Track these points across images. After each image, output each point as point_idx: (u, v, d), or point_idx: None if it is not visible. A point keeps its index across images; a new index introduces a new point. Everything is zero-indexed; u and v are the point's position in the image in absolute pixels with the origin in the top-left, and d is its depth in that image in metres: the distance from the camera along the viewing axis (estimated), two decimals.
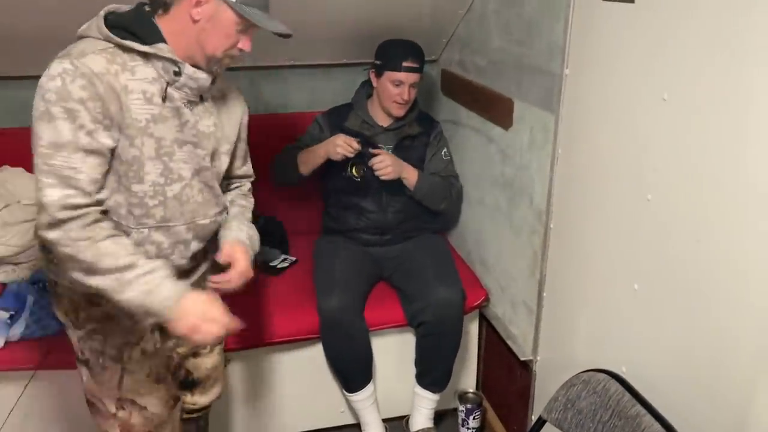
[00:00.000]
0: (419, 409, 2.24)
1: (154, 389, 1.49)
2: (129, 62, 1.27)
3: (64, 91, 1.18)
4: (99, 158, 1.24)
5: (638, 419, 1.31)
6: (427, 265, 2.24)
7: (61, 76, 1.18)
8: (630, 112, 1.41)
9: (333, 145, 2.18)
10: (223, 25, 1.31)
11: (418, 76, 2.22)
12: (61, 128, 1.18)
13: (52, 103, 1.18)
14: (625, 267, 1.47)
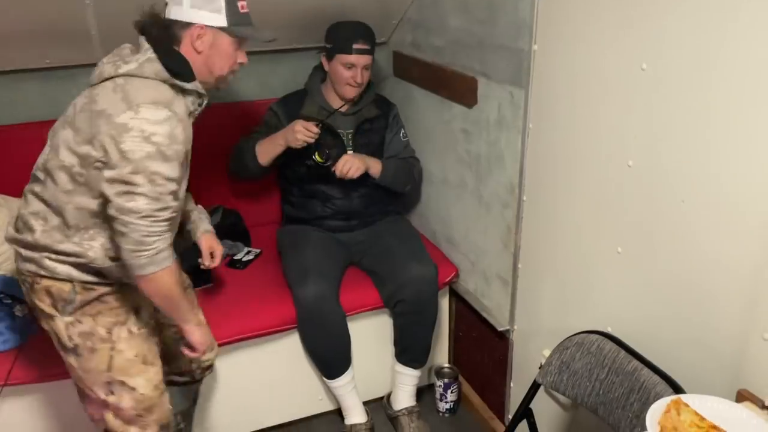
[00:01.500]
0: (402, 387, 2.27)
1: (142, 370, 1.56)
2: (180, 99, 1.48)
3: (172, 136, 1.38)
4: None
5: (636, 373, 1.38)
6: (397, 246, 2.26)
7: (168, 122, 1.37)
8: (607, 83, 1.47)
9: (292, 132, 2.15)
10: (223, 49, 1.53)
11: (369, 58, 2.21)
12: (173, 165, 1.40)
13: (165, 145, 1.37)
14: (608, 232, 1.55)
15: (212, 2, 1.48)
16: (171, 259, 1.46)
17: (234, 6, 1.51)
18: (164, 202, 1.40)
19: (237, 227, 2.47)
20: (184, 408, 1.90)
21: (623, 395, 1.39)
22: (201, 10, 1.47)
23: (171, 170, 1.39)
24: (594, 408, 1.47)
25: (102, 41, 2.15)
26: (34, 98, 2.31)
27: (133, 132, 1.35)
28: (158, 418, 1.59)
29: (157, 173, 1.37)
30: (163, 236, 1.43)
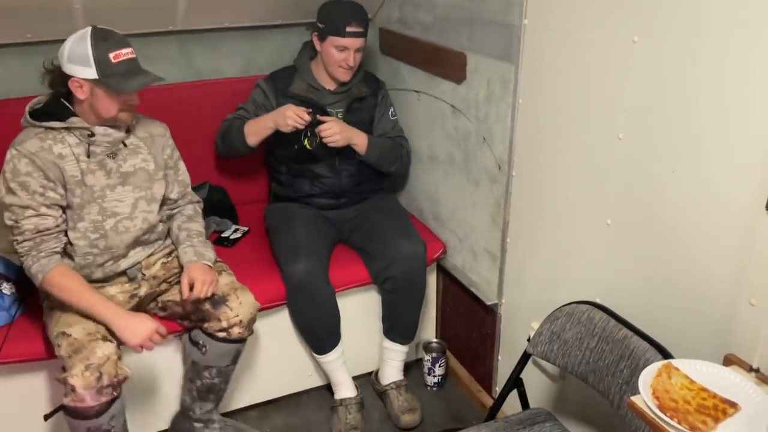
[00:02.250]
0: (389, 362, 2.29)
1: (80, 321, 1.71)
2: (57, 136, 1.71)
3: (15, 170, 1.66)
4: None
5: (626, 341, 1.42)
6: (387, 223, 2.27)
7: (12, 160, 1.67)
8: (597, 56, 1.49)
9: (282, 117, 2.14)
10: (102, 96, 1.68)
11: (363, 41, 2.19)
12: (20, 195, 1.67)
13: (9, 179, 1.66)
14: (597, 204, 1.57)
15: (83, 58, 1.64)
16: (44, 272, 1.68)
17: (105, 58, 1.64)
18: (20, 227, 1.68)
19: (224, 204, 2.46)
20: (221, 365, 1.94)
21: (613, 363, 1.43)
22: (75, 65, 1.65)
23: (20, 200, 1.66)
24: (584, 376, 1.51)
25: (84, 14, 2.11)
26: (15, 74, 2.26)
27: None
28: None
29: (9, 204, 1.67)
30: (30, 254, 1.69)
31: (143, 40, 2.38)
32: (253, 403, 2.27)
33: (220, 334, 1.87)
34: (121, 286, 1.88)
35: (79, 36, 1.66)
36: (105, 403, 1.64)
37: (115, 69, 1.65)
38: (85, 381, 1.59)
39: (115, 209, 1.79)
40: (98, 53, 1.63)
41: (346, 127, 2.22)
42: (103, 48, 1.64)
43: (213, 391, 1.99)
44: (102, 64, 1.63)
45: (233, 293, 1.89)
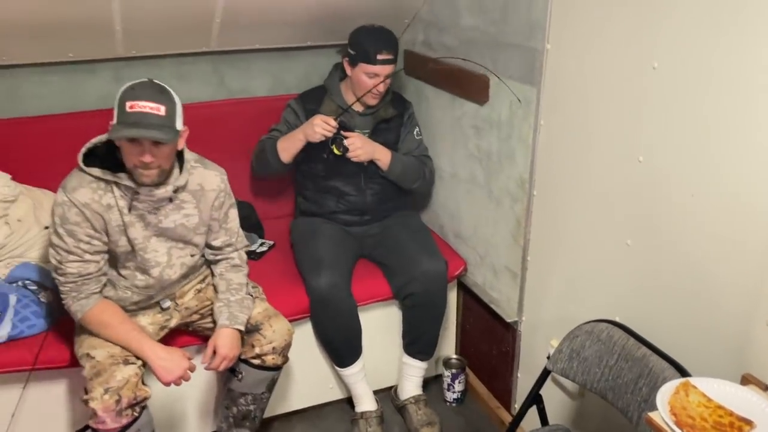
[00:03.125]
0: (409, 378, 2.33)
1: (105, 345, 1.75)
2: (106, 186, 1.70)
3: (64, 218, 1.67)
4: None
5: (645, 359, 1.45)
6: (409, 240, 2.32)
7: (61, 206, 1.67)
8: (618, 81, 1.54)
9: (311, 126, 2.20)
10: (122, 146, 1.64)
11: (392, 67, 2.26)
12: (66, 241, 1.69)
13: (58, 225, 1.68)
14: (617, 225, 1.61)
15: (115, 106, 1.61)
16: (82, 311, 1.73)
17: (122, 106, 1.59)
18: (63, 268, 1.71)
19: (250, 219, 2.53)
20: (256, 392, 1.97)
21: (632, 380, 1.46)
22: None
23: (65, 244, 1.68)
24: (603, 393, 1.54)
25: (124, 37, 2.21)
26: (57, 91, 2.37)
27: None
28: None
29: (55, 245, 1.70)
30: (70, 295, 1.73)
31: (178, 60, 2.50)
32: (276, 413, 2.31)
33: (254, 361, 1.91)
34: (153, 316, 1.90)
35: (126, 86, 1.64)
36: (126, 424, 1.68)
37: (125, 118, 1.58)
38: (104, 404, 1.64)
39: (156, 259, 1.80)
40: (120, 99, 1.60)
41: (369, 142, 2.28)
42: (125, 95, 1.60)
43: (248, 418, 2.01)
44: (119, 111, 1.59)
45: (267, 321, 1.93)
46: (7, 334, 1.84)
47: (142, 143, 1.59)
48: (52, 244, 1.70)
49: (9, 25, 2.00)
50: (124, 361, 1.71)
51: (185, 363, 1.74)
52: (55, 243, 1.69)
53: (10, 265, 1.99)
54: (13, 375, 1.84)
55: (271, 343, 1.91)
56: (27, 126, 2.32)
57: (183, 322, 1.97)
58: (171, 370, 1.72)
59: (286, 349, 1.96)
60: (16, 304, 1.87)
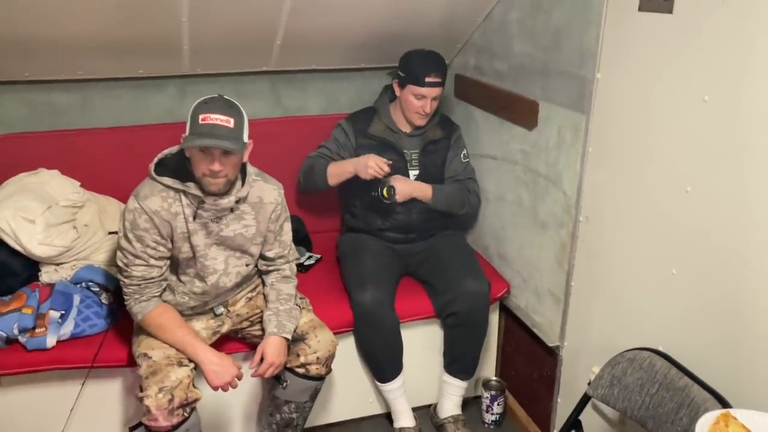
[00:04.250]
0: (448, 397, 2.35)
1: (162, 346, 1.84)
2: (175, 195, 1.78)
3: (134, 223, 1.75)
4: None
5: (687, 390, 1.45)
6: (453, 260, 2.35)
7: (132, 212, 1.76)
8: (668, 112, 1.56)
9: (364, 166, 2.26)
10: (192, 156, 1.74)
11: (440, 90, 2.31)
12: (135, 245, 1.78)
13: (128, 229, 1.76)
14: (663, 253, 1.62)
15: (189, 118, 1.71)
16: (143, 313, 1.81)
17: (195, 118, 1.69)
18: (128, 271, 1.79)
19: (299, 233, 2.60)
20: (299, 400, 2.03)
21: (673, 410, 1.45)
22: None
23: (133, 249, 1.77)
24: (643, 422, 1.54)
25: (191, 55, 2.34)
26: (126, 105, 2.52)
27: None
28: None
29: (123, 248, 1.79)
30: (132, 297, 1.81)
31: (238, 79, 2.62)
32: (316, 424, 2.36)
33: (299, 370, 1.97)
34: (206, 321, 1.99)
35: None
36: (176, 423, 1.76)
37: (197, 129, 1.67)
38: (158, 402, 1.72)
39: (215, 266, 1.88)
40: (193, 112, 1.69)
41: (409, 183, 2.34)
42: (198, 109, 1.69)
43: (290, 426, 2.07)
44: (192, 123, 1.69)
45: (312, 331, 1.99)
46: (70, 332, 1.95)
47: (212, 153, 1.68)
48: (120, 248, 1.79)
49: (86, 42, 2.14)
50: (178, 362, 1.80)
51: (234, 370, 1.82)
52: (123, 246, 1.78)
53: (75, 267, 2.11)
54: (73, 371, 1.95)
55: (316, 353, 1.96)
56: (96, 137, 2.46)
57: (233, 329, 2.05)
58: (221, 375, 1.80)
59: (330, 359, 2.01)
60: (80, 304, 1.99)
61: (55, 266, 2.10)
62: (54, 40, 2.09)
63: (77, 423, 2.00)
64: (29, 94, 2.41)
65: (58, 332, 1.93)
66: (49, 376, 1.97)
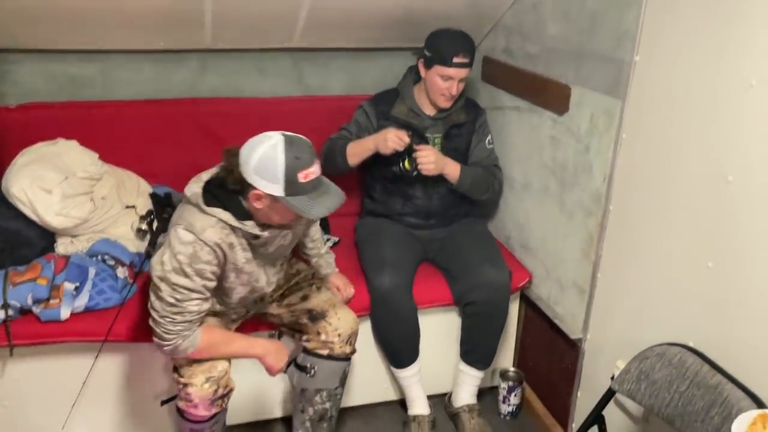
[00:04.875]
0: (463, 386, 2.31)
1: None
2: (229, 227, 1.66)
3: (195, 257, 1.60)
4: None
5: (719, 388, 1.38)
6: (474, 248, 2.30)
7: (192, 245, 1.60)
8: (711, 98, 1.48)
9: (383, 139, 2.20)
10: (280, 210, 1.63)
11: (467, 71, 2.23)
12: (194, 280, 1.62)
13: (186, 264, 1.60)
14: (699, 246, 1.55)
15: (272, 173, 1.54)
16: (194, 346, 1.68)
17: (293, 177, 1.55)
18: (183, 307, 1.63)
19: None
20: (330, 386, 1.99)
21: (703, 409, 1.39)
22: (261, 179, 1.56)
23: (192, 284, 1.62)
24: (671, 419, 1.48)
25: (213, 29, 2.29)
26: (147, 78, 2.48)
27: (169, 246, 1.62)
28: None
29: (178, 285, 1.61)
30: (181, 334, 1.66)
31: (260, 55, 2.57)
32: None
33: (323, 352, 1.94)
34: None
35: (271, 149, 1.54)
36: (215, 413, 1.77)
37: (302, 188, 1.57)
38: (204, 392, 1.71)
39: (260, 282, 1.83)
40: (289, 173, 1.54)
41: (441, 156, 2.26)
42: (293, 167, 1.54)
43: (325, 419, 2.02)
44: (289, 184, 1.55)
45: (332, 309, 1.97)
46: (85, 304, 1.92)
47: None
48: (172, 284, 1.60)
49: (107, 14, 2.10)
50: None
51: (287, 355, 1.86)
52: (177, 283, 1.60)
53: (91, 240, 2.09)
54: (87, 344, 1.93)
55: (337, 330, 1.93)
56: (116, 109, 2.43)
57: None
58: (279, 361, 1.83)
59: (353, 337, 1.98)
60: (95, 277, 1.96)
61: (71, 238, 2.08)
62: (75, 10, 2.05)
63: (89, 396, 1.98)
64: (49, 64, 2.38)
65: (72, 304, 1.90)
66: (62, 349, 1.94)
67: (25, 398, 1.99)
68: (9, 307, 1.86)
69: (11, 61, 2.34)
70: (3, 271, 1.93)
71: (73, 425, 2.00)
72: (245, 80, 2.61)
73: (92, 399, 2.00)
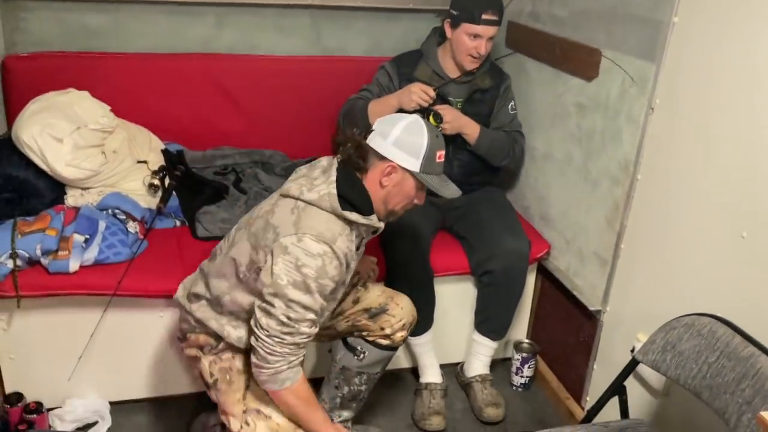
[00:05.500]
0: (477, 356, 2.27)
1: (276, 406, 1.60)
2: (353, 229, 1.54)
3: (323, 271, 1.45)
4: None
5: (752, 359, 1.33)
6: (493, 217, 2.24)
7: (322, 257, 1.44)
8: (754, 60, 1.41)
9: (408, 93, 2.13)
10: (406, 189, 1.57)
11: (496, 29, 2.16)
12: (315, 297, 1.47)
13: (312, 278, 1.44)
14: (733, 215, 1.49)
15: (415, 147, 1.52)
16: (293, 380, 1.52)
17: (432, 154, 1.54)
18: (295, 328, 1.47)
19: None
20: (372, 372, 1.91)
21: (734, 380, 1.34)
22: (401, 151, 1.51)
23: (312, 302, 1.47)
24: (697, 391, 1.43)
25: None
26: (161, 31, 2.41)
27: (289, 257, 1.44)
28: None
29: (296, 301, 1.45)
30: (287, 358, 1.49)
31: (280, 12, 2.50)
32: None
33: (383, 342, 1.86)
34: None
35: (413, 124, 1.53)
36: None
37: (435, 168, 1.57)
38: None
39: (338, 298, 1.70)
40: (430, 149, 1.53)
41: (459, 115, 2.20)
42: (434, 145, 1.54)
43: (356, 400, 1.94)
44: (427, 161, 1.53)
45: (391, 301, 1.88)
46: (94, 257, 1.88)
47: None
48: (289, 300, 1.44)
49: None
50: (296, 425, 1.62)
51: None
52: (296, 299, 1.45)
53: (102, 193, 2.04)
54: (95, 298, 1.89)
55: (401, 320, 1.86)
56: (129, 62, 2.37)
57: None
58: None
59: (414, 322, 1.91)
60: (105, 231, 1.91)
61: (81, 190, 2.03)
62: None
63: (96, 350, 1.95)
64: (62, 13, 2.31)
65: (81, 257, 1.86)
66: (70, 301, 1.90)
67: (32, 350, 1.96)
68: (17, 257, 1.81)
69: (24, 9, 2.27)
70: (12, 220, 1.89)
71: (79, 378, 1.97)
72: (262, 37, 2.53)
73: (99, 353, 1.96)
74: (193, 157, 2.41)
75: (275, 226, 1.48)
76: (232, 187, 2.38)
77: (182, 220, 2.19)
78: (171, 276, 1.89)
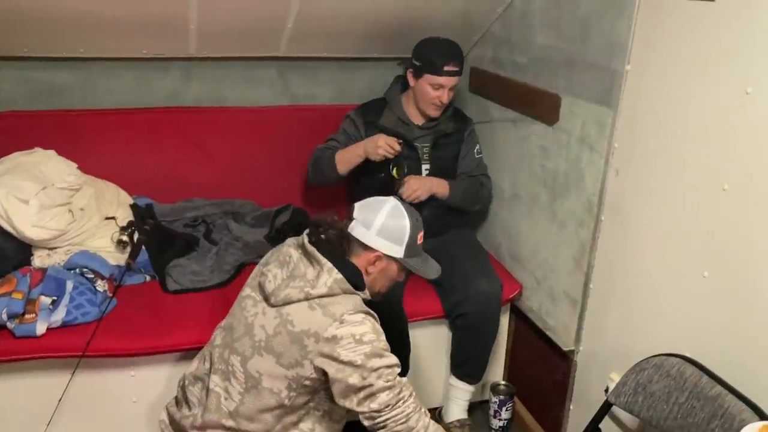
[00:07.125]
0: (455, 401, 2.26)
1: None
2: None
3: (377, 330, 1.51)
4: None
5: (720, 399, 1.35)
6: (464, 259, 2.26)
7: (367, 322, 1.49)
8: (705, 106, 1.47)
9: (373, 146, 2.17)
10: (390, 274, 1.64)
11: (458, 79, 2.23)
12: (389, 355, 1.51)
13: (376, 340, 1.48)
14: (694, 255, 1.53)
15: (398, 234, 1.58)
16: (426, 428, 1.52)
17: (414, 239, 1.60)
18: (399, 385, 1.49)
19: (305, 226, 2.50)
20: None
21: (704, 421, 1.36)
22: (386, 240, 1.56)
23: (391, 359, 1.50)
24: None
25: (198, 37, 2.25)
26: (128, 86, 2.42)
27: (344, 341, 1.44)
28: None
29: (381, 367, 1.46)
30: (419, 411, 1.51)
31: (246, 64, 2.53)
32: None
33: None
34: None
35: (394, 211, 1.59)
36: None
37: (417, 251, 1.63)
38: None
39: None
40: (413, 233, 1.59)
41: (425, 180, 2.26)
42: (416, 228, 1.60)
43: None
44: (410, 245, 1.59)
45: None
46: (62, 319, 1.85)
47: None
48: (376, 369, 1.46)
49: (88, 19, 2.05)
50: None
51: None
52: (380, 365, 1.47)
53: (69, 252, 2.01)
54: (63, 360, 1.84)
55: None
56: (97, 118, 2.38)
57: None
58: None
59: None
60: (73, 291, 1.88)
61: (48, 250, 2.00)
62: (55, 15, 2.00)
63: (65, 414, 1.89)
64: (28, 72, 2.32)
65: (48, 319, 1.82)
66: (38, 365, 1.85)
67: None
68: None
69: None
70: None
71: None
72: (230, 89, 2.56)
73: (69, 417, 1.91)
74: (163, 210, 2.40)
75: (307, 330, 1.45)
76: (203, 238, 2.37)
77: (152, 275, 2.16)
78: (141, 334, 1.87)
